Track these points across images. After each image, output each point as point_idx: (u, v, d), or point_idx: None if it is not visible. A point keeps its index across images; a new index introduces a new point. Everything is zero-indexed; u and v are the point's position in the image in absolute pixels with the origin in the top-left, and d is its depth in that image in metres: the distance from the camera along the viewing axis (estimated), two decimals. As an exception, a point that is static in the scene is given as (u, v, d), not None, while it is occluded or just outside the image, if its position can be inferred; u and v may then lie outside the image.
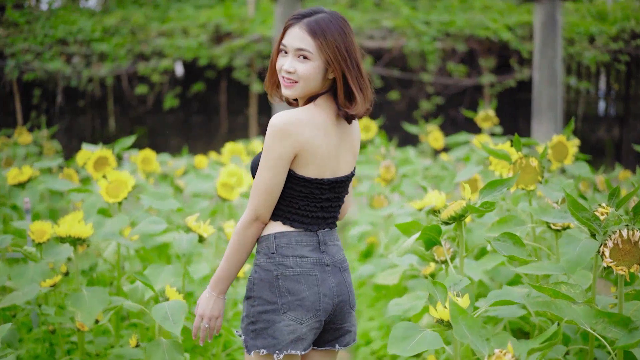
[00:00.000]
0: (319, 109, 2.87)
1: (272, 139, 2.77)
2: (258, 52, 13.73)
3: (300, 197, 2.85)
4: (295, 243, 2.86)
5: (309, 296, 2.82)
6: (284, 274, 2.82)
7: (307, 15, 2.85)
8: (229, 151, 7.25)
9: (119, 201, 4.44)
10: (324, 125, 2.85)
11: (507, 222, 3.62)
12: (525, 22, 14.02)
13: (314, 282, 2.84)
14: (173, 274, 3.90)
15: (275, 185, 2.80)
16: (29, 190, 5.61)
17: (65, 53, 13.87)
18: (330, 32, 2.80)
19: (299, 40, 2.81)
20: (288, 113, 2.80)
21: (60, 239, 4.00)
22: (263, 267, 2.85)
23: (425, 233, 3.26)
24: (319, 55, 2.80)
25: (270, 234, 2.87)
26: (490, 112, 8.30)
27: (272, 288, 2.82)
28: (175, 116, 14.98)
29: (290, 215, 2.87)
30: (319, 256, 2.87)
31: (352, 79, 2.82)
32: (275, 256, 2.84)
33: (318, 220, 2.90)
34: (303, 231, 2.88)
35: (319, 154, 2.82)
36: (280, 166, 2.78)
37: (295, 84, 2.85)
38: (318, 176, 2.85)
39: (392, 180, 6.21)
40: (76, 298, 3.88)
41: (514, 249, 3.06)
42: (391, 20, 14.20)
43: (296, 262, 2.84)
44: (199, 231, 3.97)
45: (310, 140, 2.80)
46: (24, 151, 9.48)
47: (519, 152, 3.95)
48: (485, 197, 3.22)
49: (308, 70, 2.82)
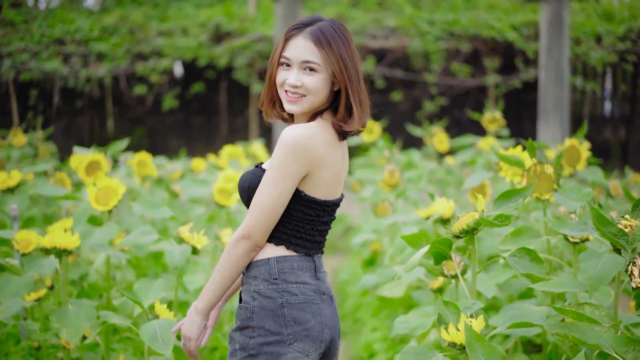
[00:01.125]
0: (328, 125, 2.69)
1: (285, 154, 2.57)
2: (259, 52, 13.49)
3: (307, 221, 2.68)
4: (297, 269, 2.67)
5: (315, 326, 2.64)
6: (289, 301, 2.62)
7: (309, 23, 2.69)
8: (228, 154, 7.01)
9: (108, 209, 4.20)
10: (333, 143, 2.68)
11: (521, 234, 3.40)
12: (531, 21, 13.78)
13: (317, 311, 2.66)
14: (165, 288, 3.66)
15: (280, 205, 2.61)
16: (18, 196, 5.36)
17: (63, 53, 13.63)
18: (334, 41, 2.65)
19: (306, 52, 2.65)
20: (303, 127, 2.62)
21: (45, 250, 3.77)
22: (264, 294, 2.64)
23: (434, 246, 3.03)
24: (325, 66, 2.65)
25: (271, 258, 2.67)
26: (497, 114, 8.08)
27: (275, 317, 2.61)
28: (174, 117, 14.75)
29: (295, 239, 2.68)
30: (317, 283, 2.70)
31: (354, 92, 2.67)
32: (278, 282, 2.64)
33: (315, 244, 2.73)
34: (303, 256, 2.70)
35: (329, 173, 2.66)
36: (290, 184, 2.59)
37: (302, 98, 2.67)
38: (326, 197, 2.69)
39: (397, 185, 5.98)
40: (61, 314, 3.65)
41: (531, 265, 2.83)
42: (394, 20, 13.97)
43: (300, 289, 2.65)
44: (192, 242, 3.74)
45: (324, 157, 2.63)
46: (19, 153, 9.27)
47: (533, 159, 3.71)
48: (499, 208, 2.99)
49: (316, 83, 2.65)
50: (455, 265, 3.10)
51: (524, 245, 3.33)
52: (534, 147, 3.70)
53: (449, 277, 3.38)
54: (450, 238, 2.99)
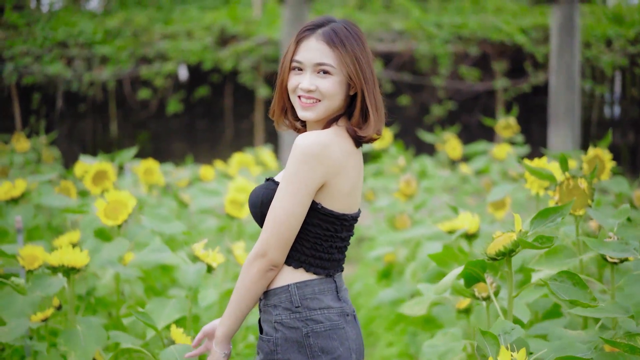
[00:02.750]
0: (344, 132, 2.53)
1: (300, 163, 2.41)
2: (264, 55, 13.32)
3: (325, 238, 2.51)
4: (319, 292, 2.51)
5: (343, 353, 2.48)
6: (314, 330, 2.46)
7: (321, 24, 2.54)
8: (237, 162, 6.82)
9: (118, 224, 4.01)
10: (350, 152, 2.52)
11: (556, 253, 3.21)
12: (540, 24, 13.61)
13: (344, 337, 2.50)
14: (179, 309, 3.47)
15: (297, 218, 2.44)
16: (23, 207, 5.17)
17: (66, 56, 13.46)
18: (348, 41, 2.50)
19: (318, 54, 2.50)
20: (318, 134, 2.46)
21: (52, 268, 3.59)
22: (287, 324, 2.47)
23: (468, 268, 2.84)
24: (340, 68, 2.50)
25: (291, 284, 2.50)
26: (510, 120, 7.91)
27: (301, 348, 2.45)
28: (179, 121, 14.58)
29: (314, 260, 2.51)
30: (341, 305, 2.54)
31: (370, 95, 2.52)
32: (301, 310, 2.48)
33: (335, 263, 2.57)
34: (324, 278, 2.54)
35: (347, 184, 2.50)
36: (306, 195, 2.43)
37: (316, 103, 2.52)
38: (344, 211, 2.52)
39: (413, 196, 5.80)
40: (69, 335, 3.46)
41: (574, 291, 2.65)
42: (401, 23, 13.80)
43: (325, 316, 2.48)
44: (207, 260, 3.55)
45: (341, 166, 2.47)
46: (22, 159, 9.11)
47: (565, 173, 3.52)
48: (537, 227, 2.81)
49: (331, 86, 2.50)
50: (489, 287, 2.91)
51: (558, 265, 3.16)
52: (566, 160, 3.52)
53: (480, 298, 3.20)
54: (485, 260, 2.81)
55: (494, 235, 2.85)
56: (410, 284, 4.82)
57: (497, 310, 2.86)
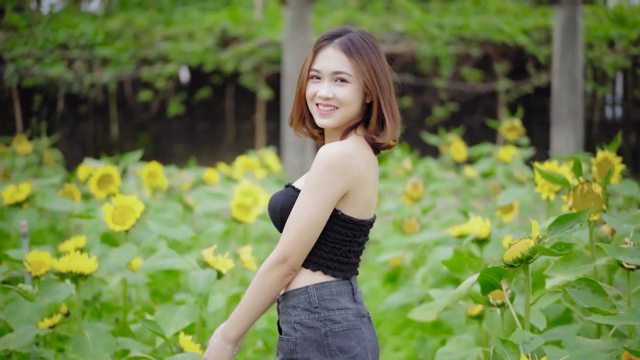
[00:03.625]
0: (364, 141, 2.63)
1: (325, 173, 2.50)
2: (266, 57, 13.26)
3: (344, 242, 2.60)
4: (337, 294, 2.59)
5: (360, 352, 2.56)
6: (333, 330, 2.54)
7: (338, 35, 2.64)
8: (242, 165, 6.77)
9: (125, 229, 3.97)
10: (371, 160, 2.63)
11: (572, 259, 3.17)
12: (542, 25, 13.56)
13: (361, 337, 2.58)
14: (188, 317, 3.43)
15: (318, 226, 2.53)
16: (27, 211, 5.13)
17: (67, 58, 13.40)
18: (365, 50, 2.60)
19: (336, 63, 2.60)
20: (343, 145, 2.56)
21: (60, 275, 3.55)
22: (306, 324, 2.55)
23: (484, 275, 2.81)
24: (356, 77, 2.60)
25: (309, 286, 2.58)
26: (516, 122, 7.88)
27: (320, 348, 2.53)
28: (180, 123, 14.52)
29: (332, 263, 2.60)
30: (357, 307, 2.63)
31: (385, 103, 2.62)
32: (320, 310, 2.56)
33: (352, 267, 2.66)
34: (341, 280, 2.63)
35: (367, 191, 2.60)
36: (329, 204, 2.52)
37: (334, 110, 2.61)
38: (362, 217, 2.62)
39: (420, 199, 5.76)
40: (78, 343, 3.43)
41: (593, 298, 2.61)
42: (402, 24, 13.75)
43: (343, 316, 2.57)
44: (217, 266, 3.51)
45: (363, 176, 2.57)
46: (23, 161, 9.07)
47: (580, 177, 3.48)
48: (554, 234, 2.77)
49: (348, 94, 2.60)
50: (505, 294, 2.87)
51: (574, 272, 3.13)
52: (580, 164, 3.48)
53: (495, 305, 3.16)
54: (502, 267, 2.77)
55: (510, 241, 2.81)
56: (419, 289, 4.78)
57: (514, 317, 2.81)
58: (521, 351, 2.46)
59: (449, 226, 5.31)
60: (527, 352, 2.47)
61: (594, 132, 14.24)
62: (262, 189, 5.54)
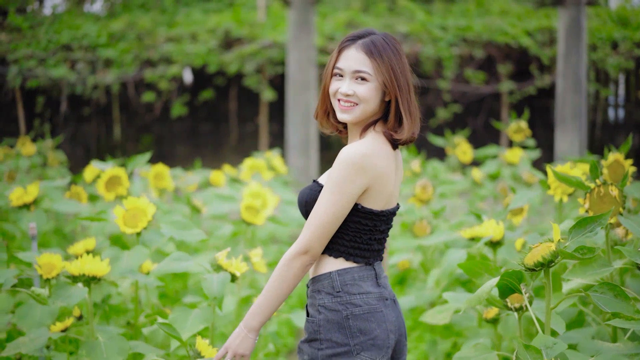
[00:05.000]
0: (383, 138, 2.78)
1: (346, 173, 2.65)
2: (269, 58, 13.22)
3: (365, 231, 2.74)
4: (359, 279, 2.74)
5: (380, 334, 2.71)
6: (353, 313, 2.70)
7: (362, 36, 2.80)
8: (249, 167, 6.74)
9: (137, 232, 3.94)
10: (390, 155, 2.77)
11: (590, 262, 3.14)
12: (545, 27, 13.53)
13: (382, 319, 2.73)
14: (202, 320, 3.40)
15: (338, 220, 2.69)
16: (35, 213, 5.09)
17: (70, 59, 13.35)
18: (385, 52, 2.75)
19: (357, 62, 2.75)
20: (362, 145, 2.71)
21: (72, 278, 3.53)
22: (329, 307, 2.72)
23: (504, 279, 2.78)
24: (376, 76, 2.74)
25: (333, 272, 2.75)
26: (522, 123, 7.85)
27: (342, 329, 2.69)
28: (183, 124, 14.49)
29: (353, 250, 2.75)
30: (379, 290, 2.77)
31: (403, 101, 2.76)
32: (342, 294, 2.72)
33: (374, 253, 2.81)
34: (364, 266, 2.77)
35: (387, 185, 2.75)
36: (349, 201, 2.68)
37: (354, 107, 2.77)
38: (383, 208, 2.77)
39: (429, 201, 5.73)
40: (91, 347, 3.41)
41: (616, 303, 2.59)
42: (406, 25, 13.71)
43: (364, 300, 2.72)
44: (231, 269, 3.48)
45: (383, 172, 2.71)
46: (28, 163, 9.03)
47: (597, 180, 3.46)
48: (574, 237, 2.75)
49: (367, 91, 2.74)
50: (525, 298, 2.85)
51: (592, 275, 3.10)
52: (597, 167, 3.46)
53: (513, 309, 3.13)
54: (523, 271, 2.75)
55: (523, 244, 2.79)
56: (430, 292, 4.75)
57: (534, 321, 2.79)
58: (544, 356, 2.43)
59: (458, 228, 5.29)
60: (550, 356, 2.45)
61: (597, 134, 14.22)
62: (270, 191, 5.51)
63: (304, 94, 10.32)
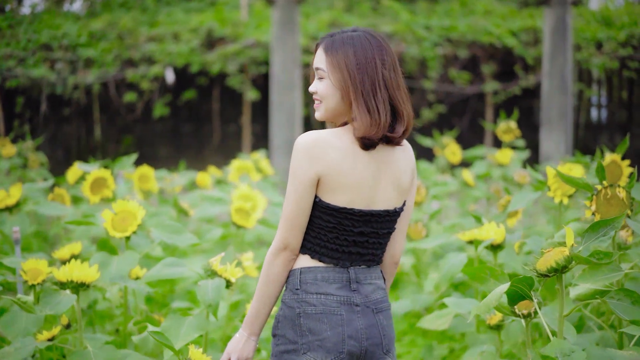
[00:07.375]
0: (348, 133, 2.68)
1: (295, 160, 2.64)
2: (252, 58, 13.07)
3: (328, 229, 2.67)
4: (321, 280, 2.68)
5: (331, 337, 2.62)
6: (305, 312, 2.66)
7: (335, 34, 2.74)
8: (237, 169, 6.60)
9: (127, 236, 3.80)
10: (353, 150, 2.65)
11: (600, 266, 3.04)
12: (530, 27, 13.49)
13: (338, 322, 2.64)
14: (196, 328, 3.27)
15: (300, 211, 2.65)
16: (18, 217, 4.94)
17: (50, 59, 13.14)
18: (342, 48, 2.66)
19: (317, 59, 2.74)
20: (313, 133, 2.67)
21: (60, 284, 3.38)
22: (287, 304, 2.70)
23: (514, 286, 2.67)
24: (330, 73, 2.68)
25: (297, 269, 2.71)
26: (512, 124, 7.78)
27: (294, 327, 2.66)
28: (164, 125, 14.30)
29: (319, 248, 2.69)
30: (347, 294, 2.67)
31: (358, 98, 2.63)
32: (299, 292, 2.68)
33: (352, 256, 2.70)
34: (332, 267, 2.69)
35: (347, 180, 2.63)
36: (304, 190, 2.63)
37: (320, 104, 2.74)
38: (347, 205, 2.65)
39: (422, 203, 5.62)
40: (80, 356, 3.26)
41: (634, 310, 2.48)
42: (390, 25, 13.61)
43: (320, 300, 2.66)
44: (225, 275, 3.36)
45: (335, 163, 2.62)
46: (8, 164, 8.85)
47: (603, 181, 3.36)
48: (587, 242, 2.65)
49: (325, 88, 2.70)
50: (535, 305, 2.74)
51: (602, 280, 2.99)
52: (603, 168, 3.36)
53: (521, 316, 3.02)
54: (535, 277, 2.64)
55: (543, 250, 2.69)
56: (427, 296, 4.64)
57: (545, 328, 2.68)
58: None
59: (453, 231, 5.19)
60: (567, 366, 2.34)
61: (580, 134, 14.20)
62: (260, 193, 5.38)
63: (289, 94, 10.19)
